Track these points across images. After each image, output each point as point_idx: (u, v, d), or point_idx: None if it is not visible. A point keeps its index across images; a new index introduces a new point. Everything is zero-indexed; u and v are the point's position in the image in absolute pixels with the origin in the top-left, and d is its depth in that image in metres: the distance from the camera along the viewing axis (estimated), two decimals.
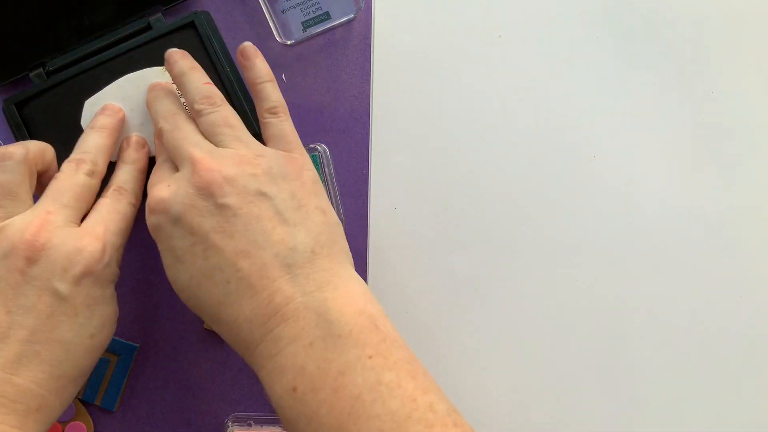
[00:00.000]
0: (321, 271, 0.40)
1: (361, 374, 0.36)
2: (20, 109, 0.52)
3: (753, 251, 0.53)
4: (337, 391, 0.36)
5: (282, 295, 0.39)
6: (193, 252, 0.40)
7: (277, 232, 0.40)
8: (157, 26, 0.52)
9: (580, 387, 0.53)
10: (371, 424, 0.35)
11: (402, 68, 0.54)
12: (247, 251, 0.39)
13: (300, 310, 0.38)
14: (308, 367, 0.37)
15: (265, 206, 0.40)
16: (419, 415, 0.35)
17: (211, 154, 0.41)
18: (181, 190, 0.41)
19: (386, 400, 0.36)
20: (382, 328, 0.38)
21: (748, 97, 0.54)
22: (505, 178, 0.53)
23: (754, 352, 0.53)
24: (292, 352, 0.38)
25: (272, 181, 0.41)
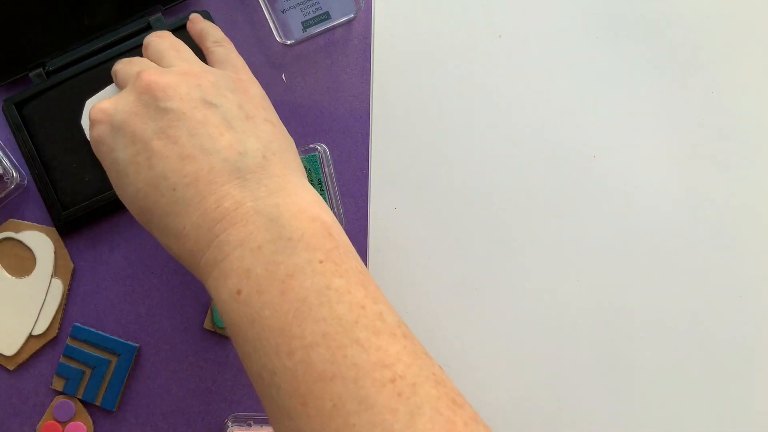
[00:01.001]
0: (273, 176, 0.38)
1: (310, 278, 0.35)
2: (20, 109, 0.52)
3: (753, 251, 0.53)
4: (283, 293, 0.35)
5: (231, 199, 0.37)
6: (137, 162, 0.39)
7: (225, 137, 0.38)
8: (157, 26, 0.52)
9: (580, 386, 0.53)
10: (316, 327, 0.34)
11: (402, 68, 0.54)
12: (192, 156, 0.38)
13: (250, 214, 0.37)
14: (255, 269, 0.36)
15: (210, 113, 0.39)
16: (367, 322, 0.34)
17: (154, 68, 0.41)
18: (122, 99, 0.40)
19: (334, 305, 0.34)
20: (336, 236, 0.37)
21: (748, 97, 0.54)
22: (505, 178, 0.53)
23: (754, 352, 0.53)
24: (238, 256, 0.36)
25: (218, 92, 0.40)
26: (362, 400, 0.32)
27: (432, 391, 0.33)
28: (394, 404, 0.32)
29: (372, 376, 0.33)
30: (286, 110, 0.53)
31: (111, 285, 0.53)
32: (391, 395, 0.32)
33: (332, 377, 0.33)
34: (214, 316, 0.52)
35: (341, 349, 0.33)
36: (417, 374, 0.33)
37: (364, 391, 0.32)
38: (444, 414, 0.32)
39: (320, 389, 0.33)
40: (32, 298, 0.52)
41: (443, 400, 0.33)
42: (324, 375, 0.33)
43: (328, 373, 0.33)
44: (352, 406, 0.32)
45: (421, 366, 0.34)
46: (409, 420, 0.32)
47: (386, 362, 0.33)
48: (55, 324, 0.52)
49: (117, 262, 0.53)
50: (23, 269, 0.52)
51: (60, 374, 0.52)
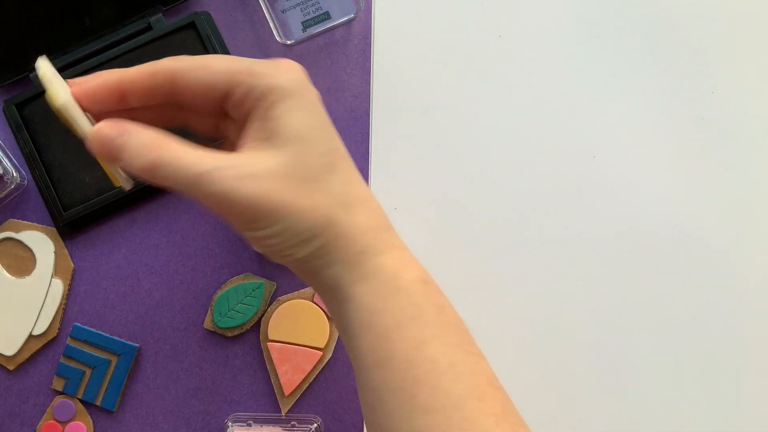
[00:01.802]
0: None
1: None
2: (20, 109, 0.52)
3: (753, 250, 0.53)
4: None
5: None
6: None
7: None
8: (157, 27, 0.52)
9: (580, 386, 0.53)
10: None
11: (402, 68, 0.54)
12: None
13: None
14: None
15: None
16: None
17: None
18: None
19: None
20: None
21: (748, 97, 0.54)
22: (505, 178, 0.53)
23: (755, 352, 0.53)
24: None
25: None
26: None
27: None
28: None
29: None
30: None
31: (111, 285, 0.53)
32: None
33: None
34: (214, 316, 0.52)
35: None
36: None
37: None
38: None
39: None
40: (32, 298, 0.52)
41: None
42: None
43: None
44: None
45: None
46: None
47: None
48: (55, 324, 0.52)
49: (117, 262, 0.53)
50: (23, 269, 0.52)
51: (60, 374, 0.52)
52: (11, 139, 0.53)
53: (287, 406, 0.51)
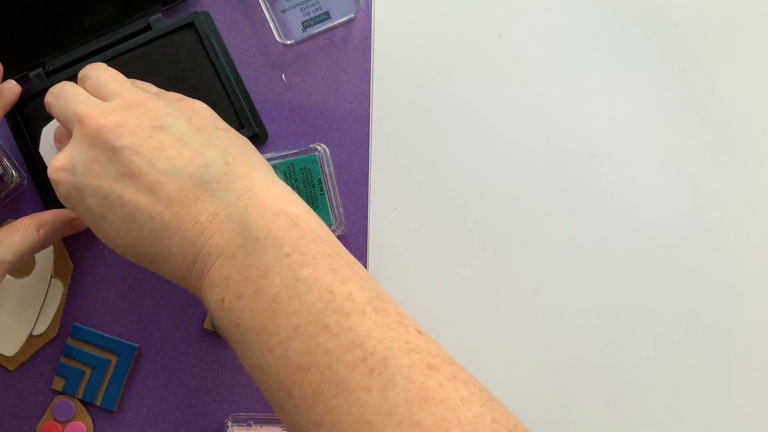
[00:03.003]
0: (238, 179, 0.39)
1: (278, 273, 0.36)
2: (20, 109, 0.52)
3: (753, 251, 0.53)
4: (257, 294, 0.36)
5: (206, 212, 0.38)
6: (110, 203, 0.39)
7: (183, 156, 0.39)
8: (156, 26, 0.52)
9: (580, 387, 0.53)
10: (289, 321, 0.35)
11: (402, 68, 0.54)
12: (160, 182, 0.39)
13: (224, 223, 0.38)
14: (232, 276, 0.37)
15: (164, 136, 0.40)
16: (336, 306, 0.35)
17: (97, 107, 0.41)
18: (76, 150, 0.40)
19: (302, 296, 0.36)
20: (303, 225, 0.38)
21: (748, 97, 0.54)
22: (505, 178, 0.53)
23: (755, 352, 0.53)
24: (219, 266, 0.38)
25: (165, 114, 0.41)
26: (338, 383, 0.34)
27: (404, 361, 0.34)
28: (367, 382, 0.33)
29: (344, 358, 0.34)
30: (286, 110, 0.53)
31: (111, 285, 0.53)
32: (363, 374, 0.34)
33: (309, 366, 0.35)
34: None
35: (313, 338, 0.35)
36: (388, 347, 0.34)
37: (338, 375, 0.34)
38: (416, 381, 0.33)
39: (300, 379, 0.35)
40: (32, 298, 0.52)
41: (416, 367, 0.34)
42: (301, 366, 0.35)
43: (304, 363, 0.35)
44: (330, 391, 0.34)
45: (392, 337, 0.35)
46: (382, 394, 0.33)
47: (356, 342, 0.34)
48: (55, 324, 0.52)
49: (117, 262, 0.53)
50: (23, 269, 0.52)
51: (60, 374, 0.52)
52: (11, 139, 0.53)
53: None
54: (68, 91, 0.43)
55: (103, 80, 0.43)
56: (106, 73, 0.44)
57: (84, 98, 0.42)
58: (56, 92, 0.44)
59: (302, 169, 0.51)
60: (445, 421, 0.33)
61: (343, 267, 0.37)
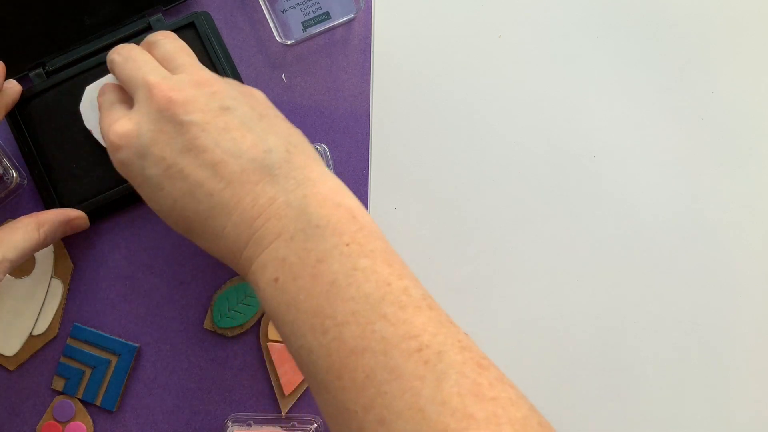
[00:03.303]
0: (298, 168, 0.40)
1: (338, 260, 0.37)
2: (20, 109, 0.52)
3: (753, 251, 0.53)
4: (315, 277, 0.37)
5: (265, 196, 0.39)
6: (170, 175, 0.40)
7: (247, 139, 0.40)
8: (157, 26, 0.52)
9: (580, 387, 0.53)
10: (346, 306, 0.36)
11: (402, 68, 0.54)
12: (223, 161, 0.40)
13: (282, 208, 0.39)
14: (289, 258, 0.38)
15: (230, 118, 0.41)
16: (393, 298, 0.36)
17: (167, 79, 0.42)
18: (143, 118, 0.41)
19: (361, 284, 0.36)
20: (360, 219, 0.39)
21: (748, 97, 0.54)
22: (505, 178, 0.53)
23: (754, 352, 0.53)
24: (275, 247, 0.38)
25: (230, 97, 0.41)
26: (392, 369, 0.34)
27: (457, 357, 0.35)
28: (421, 371, 0.34)
29: (400, 347, 0.35)
30: (286, 110, 0.53)
31: (111, 285, 0.53)
32: (418, 363, 0.34)
33: (363, 351, 0.35)
34: (214, 316, 0.52)
35: (370, 324, 0.35)
36: (442, 342, 0.35)
37: (393, 362, 0.34)
38: (469, 377, 0.34)
39: (353, 363, 0.35)
40: (32, 298, 0.52)
41: (468, 365, 0.35)
42: (355, 349, 0.35)
43: (359, 347, 0.35)
44: (383, 376, 0.34)
45: (446, 334, 0.36)
46: (436, 384, 0.34)
47: (412, 333, 0.35)
48: (55, 324, 0.52)
49: (117, 262, 0.53)
50: (23, 269, 0.52)
51: (60, 374, 0.52)
52: (11, 139, 0.53)
53: (287, 406, 0.51)
54: (137, 56, 0.44)
55: (173, 51, 0.44)
56: (177, 44, 0.45)
57: (153, 66, 0.43)
58: (125, 53, 0.45)
59: None
60: (497, 417, 0.33)
61: (397, 263, 0.38)
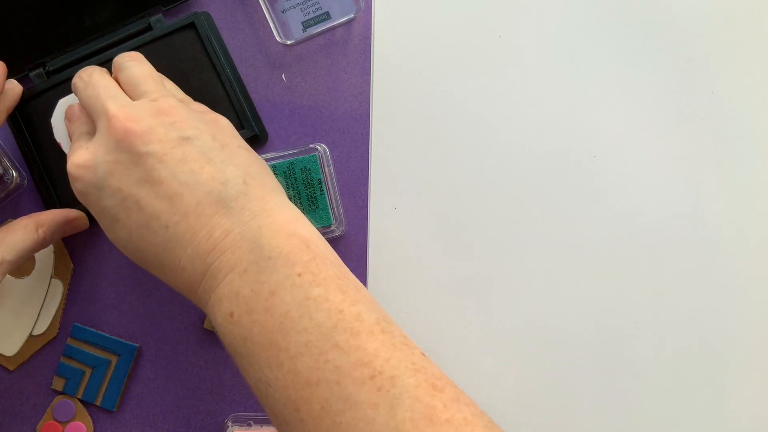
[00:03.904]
0: (255, 200, 0.40)
1: (290, 292, 0.37)
2: (20, 109, 0.52)
3: (752, 250, 0.53)
4: (268, 310, 0.37)
5: (220, 229, 0.39)
6: (126, 206, 0.40)
7: (205, 170, 0.40)
8: (157, 27, 0.52)
9: (580, 387, 0.53)
10: (299, 338, 0.36)
11: (402, 68, 0.54)
12: (179, 193, 0.39)
13: (237, 240, 0.39)
14: (243, 291, 0.38)
15: (189, 148, 0.40)
16: (345, 325, 0.36)
17: (126, 107, 0.41)
18: (100, 148, 0.41)
19: (313, 314, 0.36)
20: (314, 248, 0.39)
21: (748, 97, 0.54)
22: (505, 178, 0.53)
23: (754, 352, 0.53)
24: (229, 281, 0.38)
25: (191, 126, 0.41)
26: (346, 399, 0.35)
27: (410, 381, 0.35)
28: (374, 399, 0.34)
29: (352, 375, 0.35)
30: (286, 110, 0.53)
31: (111, 285, 0.53)
32: (371, 391, 0.35)
33: (317, 382, 0.35)
34: None
35: (323, 354, 0.36)
36: (395, 366, 0.35)
37: (347, 391, 0.35)
38: (422, 400, 0.34)
39: (308, 394, 0.35)
40: (32, 298, 0.52)
41: (422, 387, 0.35)
42: (310, 381, 0.36)
43: (313, 378, 0.36)
44: (337, 406, 0.35)
45: (399, 358, 0.36)
46: (389, 411, 0.34)
47: (365, 360, 0.35)
48: (55, 324, 0.52)
49: (117, 262, 0.53)
50: (23, 269, 0.52)
51: (60, 374, 0.52)
52: (11, 139, 0.53)
53: None
54: (98, 81, 0.44)
55: (138, 76, 0.44)
56: (143, 70, 0.45)
57: (114, 93, 0.43)
58: (86, 78, 0.45)
59: (302, 169, 0.51)
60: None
61: (351, 289, 0.38)
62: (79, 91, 0.45)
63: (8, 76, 0.51)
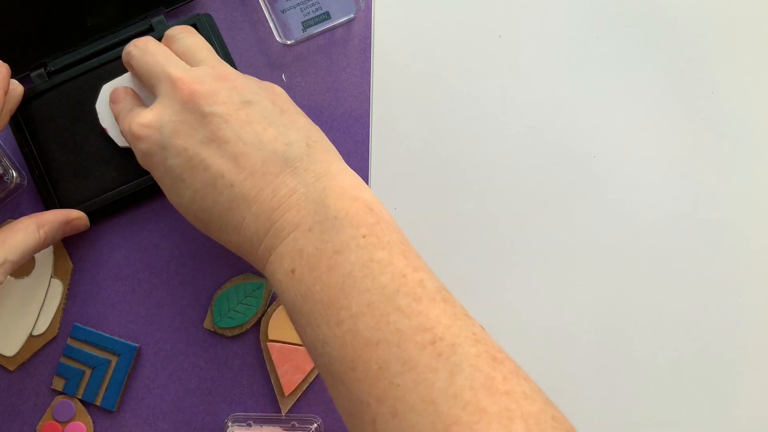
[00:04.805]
0: (318, 162, 0.41)
1: (354, 252, 0.37)
2: (21, 109, 0.52)
3: (753, 251, 0.53)
4: (331, 269, 0.37)
5: (286, 188, 0.40)
6: (192, 166, 0.41)
7: (269, 132, 0.41)
8: (159, 28, 0.52)
9: (580, 387, 0.53)
10: (361, 298, 0.36)
11: (402, 68, 0.54)
12: (245, 153, 0.40)
13: (302, 200, 0.39)
14: (306, 248, 0.38)
15: (251, 111, 0.41)
16: (408, 290, 0.36)
17: (189, 71, 0.42)
18: (166, 109, 0.42)
19: (377, 276, 0.37)
20: (377, 212, 0.39)
21: (748, 97, 0.54)
22: (505, 178, 0.53)
23: (755, 352, 0.53)
24: (293, 239, 0.39)
25: (252, 92, 0.42)
26: (405, 361, 0.35)
27: (471, 350, 0.35)
28: (434, 364, 0.34)
29: (414, 339, 0.35)
30: None
31: (111, 285, 0.53)
32: (431, 356, 0.34)
33: (377, 343, 0.35)
34: (214, 316, 0.52)
35: (384, 316, 0.36)
36: (456, 335, 0.35)
37: (407, 354, 0.35)
38: (483, 370, 0.34)
39: (367, 354, 0.35)
40: (32, 298, 0.52)
41: (482, 358, 0.35)
42: (370, 341, 0.36)
43: (373, 339, 0.35)
44: (396, 368, 0.35)
45: (460, 327, 0.36)
46: (449, 377, 0.34)
47: (426, 326, 0.35)
48: (55, 324, 0.52)
49: (117, 262, 0.53)
50: (23, 269, 0.52)
51: (60, 374, 0.52)
52: (11, 139, 0.53)
53: (287, 406, 0.51)
54: (156, 49, 0.45)
55: (193, 46, 0.45)
56: (196, 40, 0.46)
57: (174, 60, 0.44)
58: (142, 46, 0.46)
59: None
60: (509, 412, 0.33)
61: (413, 256, 0.39)
62: (136, 58, 0.46)
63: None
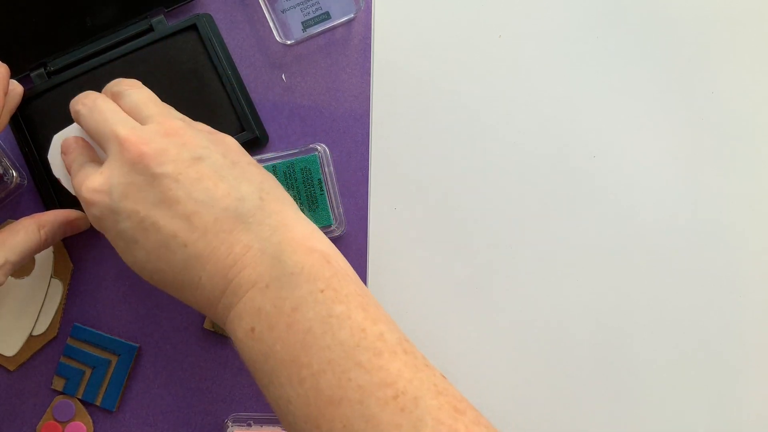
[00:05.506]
0: (272, 214, 0.40)
1: (312, 308, 0.37)
2: (21, 109, 0.52)
3: (753, 251, 0.53)
4: (290, 326, 0.37)
5: (240, 244, 0.39)
6: (144, 228, 0.40)
7: (220, 188, 0.40)
8: (159, 28, 0.52)
9: (580, 387, 0.53)
10: (322, 355, 0.36)
11: (402, 68, 0.54)
12: (197, 211, 0.39)
13: (257, 255, 0.39)
14: (265, 307, 0.38)
15: (202, 167, 0.40)
16: (368, 344, 0.36)
17: (137, 130, 0.41)
18: (114, 171, 0.41)
19: (336, 332, 0.36)
20: (334, 263, 0.39)
21: (748, 97, 0.54)
22: (505, 178, 0.53)
23: (755, 352, 0.53)
24: (250, 297, 0.38)
25: (201, 145, 0.41)
26: (369, 419, 0.35)
27: (433, 402, 0.35)
28: (397, 419, 0.34)
29: (376, 395, 0.35)
30: (286, 110, 0.54)
31: (111, 285, 0.53)
32: (394, 411, 0.35)
33: (340, 400, 0.35)
34: None
35: (345, 373, 0.36)
36: (418, 388, 0.35)
37: (370, 411, 0.35)
38: (445, 422, 0.34)
39: (330, 413, 0.35)
40: (32, 298, 0.52)
41: (444, 409, 0.35)
42: (332, 399, 0.35)
43: (335, 397, 0.35)
44: (360, 426, 0.35)
45: (422, 379, 0.36)
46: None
47: (388, 381, 0.35)
48: (55, 324, 0.52)
49: (117, 262, 0.53)
50: (23, 269, 0.52)
51: (60, 374, 0.52)
52: (11, 139, 0.53)
53: None
54: (103, 107, 0.44)
55: (140, 101, 0.44)
56: (144, 94, 0.45)
57: (121, 118, 0.43)
58: (89, 104, 0.44)
59: (302, 169, 0.51)
60: None
61: (372, 307, 0.38)
62: (83, 116, 0.44)
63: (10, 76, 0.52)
